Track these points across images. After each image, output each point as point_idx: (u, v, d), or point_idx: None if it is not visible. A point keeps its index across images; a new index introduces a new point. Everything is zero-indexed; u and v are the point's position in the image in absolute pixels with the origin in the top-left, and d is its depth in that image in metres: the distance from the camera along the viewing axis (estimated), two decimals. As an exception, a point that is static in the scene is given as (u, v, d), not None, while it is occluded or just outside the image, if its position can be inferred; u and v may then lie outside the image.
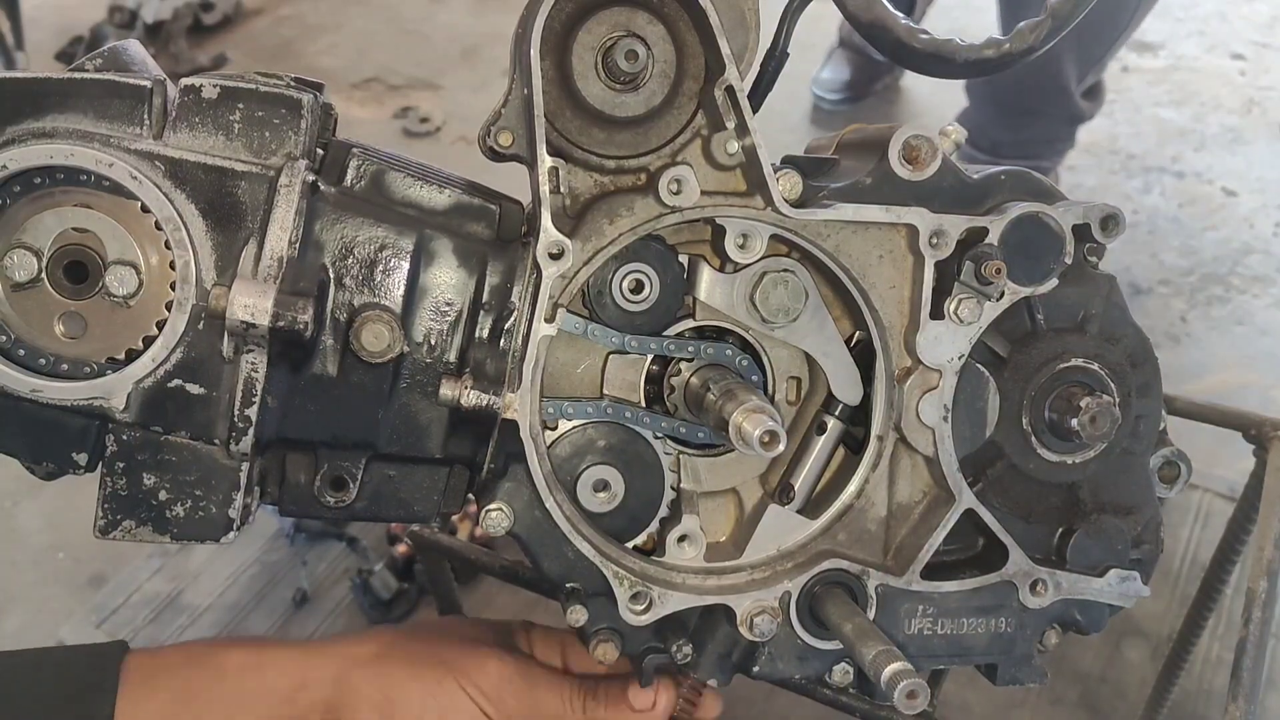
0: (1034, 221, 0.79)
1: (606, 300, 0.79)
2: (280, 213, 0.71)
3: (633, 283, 0.79)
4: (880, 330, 0.81)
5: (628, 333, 0.79)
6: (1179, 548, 2.03)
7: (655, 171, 0.76)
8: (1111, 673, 1.83)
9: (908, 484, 0.84)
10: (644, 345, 0.80)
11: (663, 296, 0.80)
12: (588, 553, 0.79)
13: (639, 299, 0.79)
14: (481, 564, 1.17)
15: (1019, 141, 2.87)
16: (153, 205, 0.71)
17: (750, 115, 0.75)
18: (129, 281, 0.71)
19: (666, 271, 0.79)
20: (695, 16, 0.74)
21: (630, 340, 0.79)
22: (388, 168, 0.76)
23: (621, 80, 0.75)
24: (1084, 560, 0.85)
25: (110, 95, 0.71)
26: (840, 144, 0.88)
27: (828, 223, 0.78)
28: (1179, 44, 3.79)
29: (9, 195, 0.71)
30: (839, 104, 3.46)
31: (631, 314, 0.79)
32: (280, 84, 0.74)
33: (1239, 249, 2.93)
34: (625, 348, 0.80)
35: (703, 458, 0.86)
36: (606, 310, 0.79)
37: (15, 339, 0.72)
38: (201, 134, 0.72)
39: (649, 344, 0.80)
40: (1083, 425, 0.79)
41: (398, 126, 3.45)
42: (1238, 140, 3.34)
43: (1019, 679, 0.87)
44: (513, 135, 0.76)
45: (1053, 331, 0.83)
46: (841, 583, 0.82)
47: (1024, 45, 0.79)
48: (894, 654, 0.72)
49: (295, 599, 2.18)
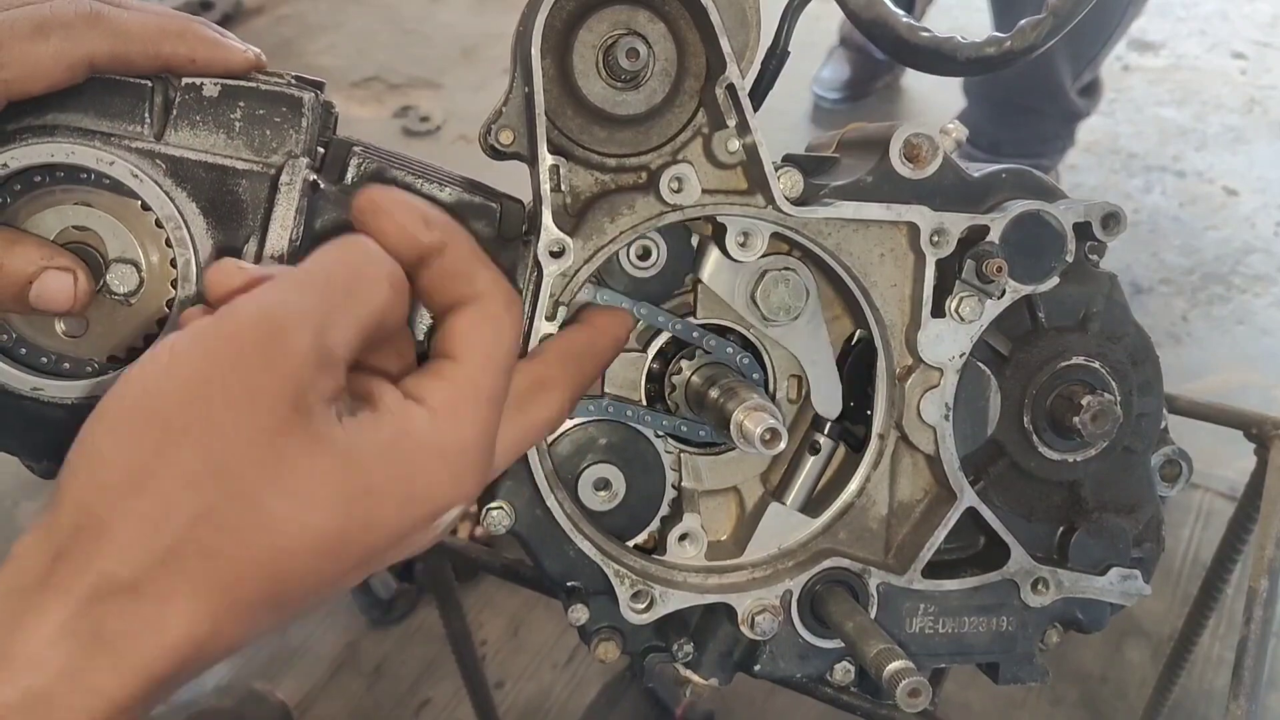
0: (1035, 220, 0.79)
1: (614, 267, 0.78)
2: (281, 211, 0.71)
3: (640, 249, 0.79)
4: (881, 328, 0.81)
5: (636, 299, 0.79)
6: (1180, 547, 2.03)
7: (656, 170, 0.76)
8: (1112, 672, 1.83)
9: (909, 482, 0.84)
10: (652, 315, 0.80)
11: (670, 263, 0.79)
12: (589, 551, 0.79)
13: (646, 265, 0.79)
14: (482, 563, 1.17)
15: (1018, 140, 2.87)
16: (154, 203, 0.71)
17: (751, 113, 0.75)
18: (130, 279, 0.71)
19: (674, 238, 0.79)
20: (696, 15, 0.74)
21: (640, 308, 0.79)
22: (388, 166, 0.76)
23: (622, 78, 0.75)
24: (1085, 559, 0.85)
25: (111, 93, 0.71)
26: (841, 142, 0.88)
27: (829, 221, 0.78)
28: (1180, 43, 3.79)
29: (9, 194, 0.70)
30: (839, 103, 3.46)
31: (639, 280, 0.79)
32: (281, 82, 0.74)
33: (1240, 248, 2.93)
34: (635, 314, 0.79)
35: (704, 456, 0.86)
36: (614, 276, 0.79)
37: (16, 337, 0.72)
38: (202, 132, 0.72)
39: (657, 316, 0.80)
40: (1084, 423, 0.79)
41: (398, 125, 3.45)
42: (1239, 139, 3.34)
43: (1020, 678, 0.87)
44: (513, 133, 0.76)
45: (1054, 330, 0.83)
46: (843, 581, 0.82)
47: (1025, 43, 0.78)
48: (895, 652, 0.72)
49: (295, 598, 2.17)
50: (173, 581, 0.52)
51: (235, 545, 0.53)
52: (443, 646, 1.62)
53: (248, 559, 0.53)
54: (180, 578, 0.52)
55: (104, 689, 0.50)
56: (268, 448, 0.54)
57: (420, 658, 2.06)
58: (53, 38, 0.65)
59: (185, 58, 0.71)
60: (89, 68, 0.67)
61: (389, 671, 2.05)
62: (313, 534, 0.55)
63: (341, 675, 2.04)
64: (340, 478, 0.55)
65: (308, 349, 0.55)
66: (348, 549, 0.56)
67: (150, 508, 0.52)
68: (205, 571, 0.53)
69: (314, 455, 0.55)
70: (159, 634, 0.52)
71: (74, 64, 0.66)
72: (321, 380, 0.56)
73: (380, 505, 0.57)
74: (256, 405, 0.54)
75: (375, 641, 2.09)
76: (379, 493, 0.57)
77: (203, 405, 0.53)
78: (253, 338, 0.55)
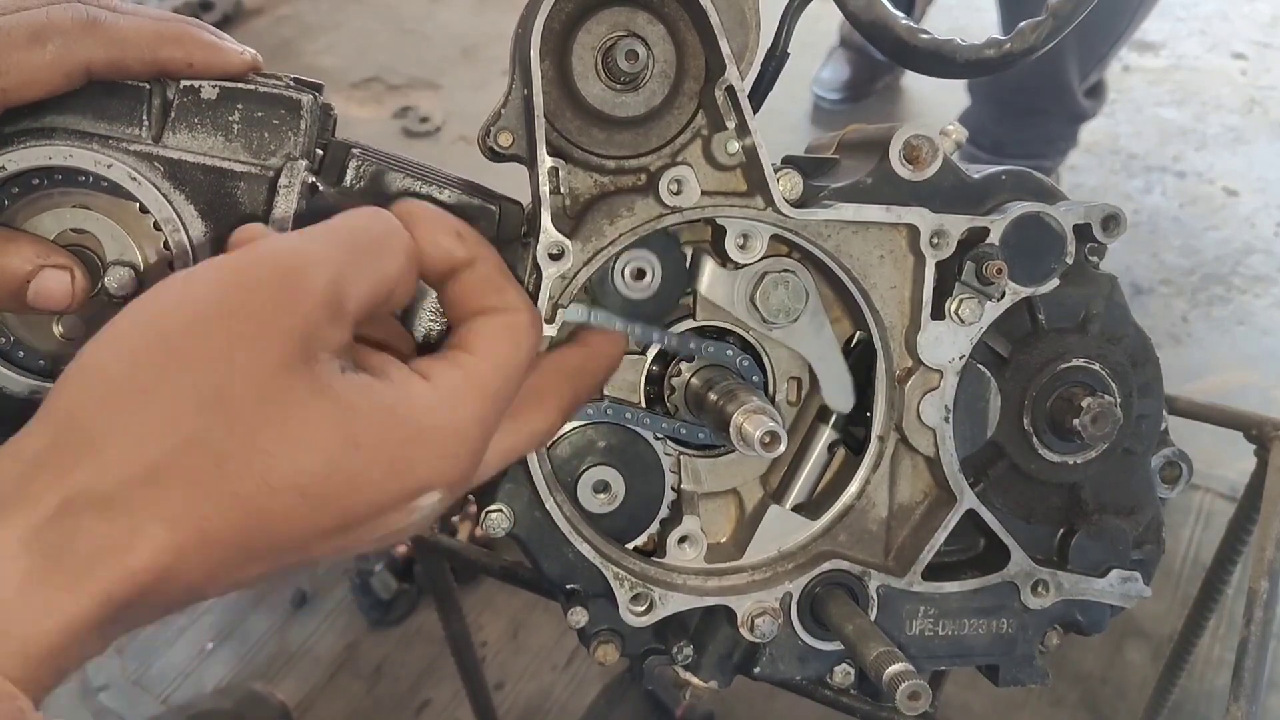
0: (1035, 221, 0.79)
1: (609, 287, 0.78)
2: (280, 213, 0.71)
3: (634, 270, 0.78)
4: (881, 331, 0.81)
5: (630, 320, 0.79)
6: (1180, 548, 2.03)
7: (655, 172, 0.76)
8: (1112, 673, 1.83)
9: (909, 485, 0.84)
10: (646, 335, 0.80)
11: (665, 284, 0.79)
12: (588, 554, 0.78)
13: (641, 286, 0.79)
14: (481, 565, 1.17)
15: (1022, 140, 2.87)
16: (151, 206, 0.71)
17: (750, 115, 0.75)
18: (128, 282, 0.71)
19: (668, 258, 0.79)
20: (695, 16, 0.74)
21: (634, 328, 0.79)
22: (387, 168, 0.76)
23: (622, 80, 0.75)
24: (1085, 561, 0.85)
25: (109, 96, 0.71)
26: (841, 144, 0.88)
27: (828, 223, 0.78)
28: (1180, 43, 3.79)
29: (7, 196, 0.70)
30: (839, 103, 3.46)
31: (633, 301, 0.79)
32: (280, 84, 0.74)
33: (1240, 249, 2.93)
34: (628, 335, 0.79)
35: (703, 458, 0.86)
36: (608, 297, 0.79)
37: (14, 340, 0.72)
38: (200, 135, 0.72)
39: (651, 334, 0.80)
40: (1084, 425, 0.79)
41: (397, 126, 3.45)
42: (1239, 140, 3.34)
43: (1020, 680, 0.87)
44: (512, 135, 0.76)
45: (1054, 331, 0.82)
46: (842, 584, 0.82)
47: (1025, 45, 0.78)
48: (895, 655, 0.72)
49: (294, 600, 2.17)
50: (148, 502, 0.51)
51: (220, 474, 0.52)
52: (442, 648, 1.62)
53: (229, 491, 0.53)
54: (157, 500, 0.51)
55: (59, 607, 0.49)
56: (269, 382, 0.54)
57: (420, 659, 2.06)
58: (49, 45, 0.65)
59: (182, 62, 0.71)
60: (86, 74, 0.68)
61: (389, 673, 2.05)
62: (298, 475, 0.54)
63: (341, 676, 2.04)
64: (334, 425, 0.55)
65: (321, 292, 0.56)
66: (326, 504, 0.56)
67: (143, 424, 0.52)
68: (184, 497, 0.52)
69: (313, 399, 0.55)
70: (123, 555, 0.50)
71: (71, 71, 0.67)
72: (330, 330, 0.56)
73: (368, 464, 0.56)
74: (266, 339, 0.54)
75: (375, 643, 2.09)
76: (369, 449, 0.56)
77: (213, 332, 0.54)
78: (270, 274, 0.55)
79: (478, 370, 0.62)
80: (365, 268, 0.59)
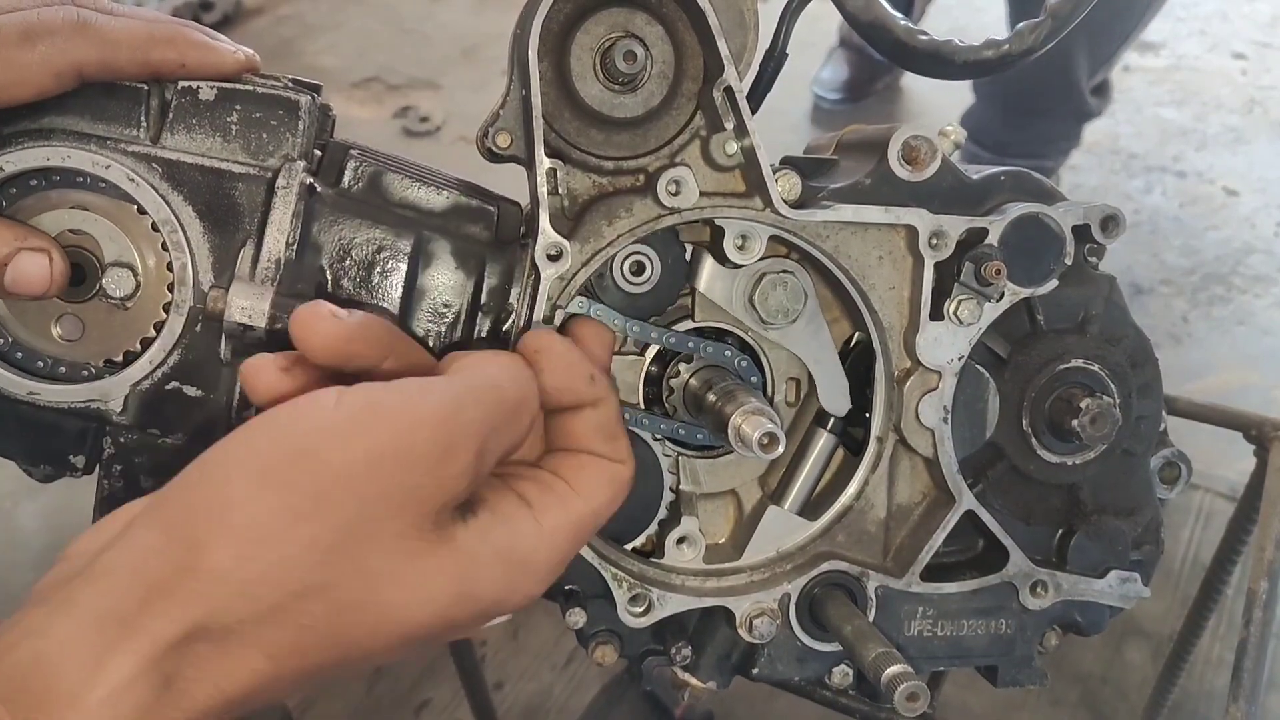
0: (1034, 222, 0.79)
1: (608, 282, 0.78)
2: (278, 215, 0.71)
3: (634, 265, 0.78)
4: (880, 331, 0.81)
5: (630, 316, 0.79)
6: (1180, 548, 2.03)
7: (654, 172, 0.76)
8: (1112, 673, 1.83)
9: (907, 485, 0.84)
10: (645, 333, 0.80)
11: (664, 278, 0.79)
12: (586, 555, 0.78)
13: (640, 280, 0.79)
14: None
15: (1025, 140, 2.86)
16: (150, 207, 0.71)
17: (749, 116, 0.75)
18: (126, 284, 0.71)
19: (667, 253, 0.79)
20: (694, 17, 0.74)
21: (632, 325, 0.79)
22: (385, 169, 0.76)
23: (620, 81, 0.75)
24: (1084, 561, 0.85)
25: (107, 97, 0.71)
26: (840, 144, 0.88)
27: (827, 224, 0.77)
28: (1180, 43, 3.79)
29: (5, 197, 0.70)
30: (839, 104, 3.46)
31: (632, 296, 0.79)
32: (278, 85, 0.74)
33: (1240, 249, 2.93)
34: (626, 332, 0.79)
35: (702, 459, 0.86)
36: (608, 293, 0.79)
37: (13, 341, 0.72)
38: (199, 136, 0.72)
39: (650, 333, 0.80)
40: (1083, 426, 0.79)
41: (397, 126, 3.45)
42: (1239, 140, 3.34)
43: (1019, 680, 0.87)
44: (511, 136, 0.76)
45: (1053, 332, 0.82)
46: (841, 584, 0.82)
47: (1023, 46, 0.78)
48: (894, 656, 0.72)
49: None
50: (259, 638, 0.53)
51: (335, 621, 0.54)
52: (442, 648, 1.62)
53: (338, 635, 0.55)
54: (269, 637, 0.53)
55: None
56: (402, 541, 0.56)
57: (420, 659, 2.06)
58: (39, 45, 0.65)
59: (175, 63, 0.71)
60: (77, 75, 0.68)
61: (389, 672, 2.05)
62: (408, 625, 0.57)
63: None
64: (451, 579, 0.57)
65: (467, 467, 0.58)
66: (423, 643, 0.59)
67: (270, 569, 0.53)
68: (294, 638, 0.53)
69: (437, 554, 0.57)
70: (225, 682, 0.52)
71: (61, 71, 0.67)
72: (465, 490, 0.59)
73: (474, 615, 0.59)
74: (409, 505, 0.56)
75: (375, 643, 2.09)
76: (478, 598, 0.59)
77: (362, 486, 0.54)
78: (429, 438, 0.56)
79: (579, 512, 0.65)
80: (505, 435, 0.62)
